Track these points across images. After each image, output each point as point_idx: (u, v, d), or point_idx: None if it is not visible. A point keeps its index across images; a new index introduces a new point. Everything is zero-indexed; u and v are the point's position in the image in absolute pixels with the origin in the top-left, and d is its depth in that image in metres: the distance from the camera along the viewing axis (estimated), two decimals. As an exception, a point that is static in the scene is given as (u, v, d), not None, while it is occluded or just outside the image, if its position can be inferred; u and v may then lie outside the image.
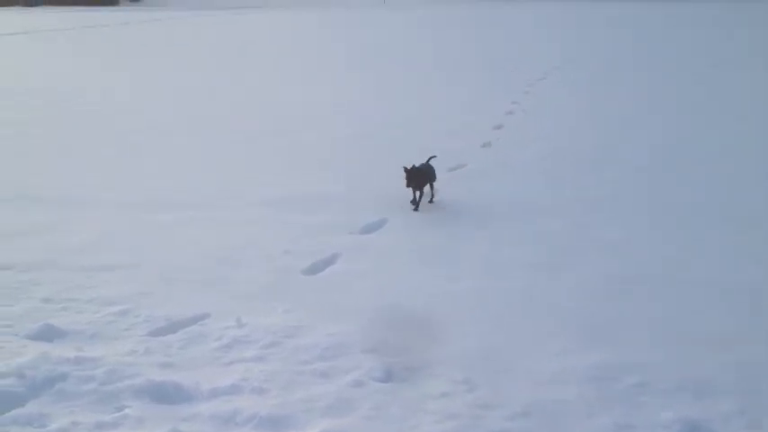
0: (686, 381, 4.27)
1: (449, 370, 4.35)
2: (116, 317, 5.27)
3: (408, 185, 7.93)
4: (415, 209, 8.02)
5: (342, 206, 8.17)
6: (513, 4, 50.66)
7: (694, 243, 6.75)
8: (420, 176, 8.02)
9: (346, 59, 24.51)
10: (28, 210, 8.20)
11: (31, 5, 77.90)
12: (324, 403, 3.93)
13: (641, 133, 12.06)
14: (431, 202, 8.27)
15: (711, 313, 5.25)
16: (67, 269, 6.29)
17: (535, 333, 4.93)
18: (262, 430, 3.63)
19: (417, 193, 8.17)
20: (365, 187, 9.08)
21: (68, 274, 6.17)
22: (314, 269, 6.38)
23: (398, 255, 6.69)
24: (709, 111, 14.05)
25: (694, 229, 7.15)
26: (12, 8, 65.05)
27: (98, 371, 4.27)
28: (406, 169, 7.94)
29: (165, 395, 4.02)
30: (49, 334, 4.90)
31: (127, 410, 3.83)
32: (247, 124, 13.36)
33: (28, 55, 28.11)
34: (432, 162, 8.55)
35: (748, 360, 4.54)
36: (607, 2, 50.22)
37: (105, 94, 17.17)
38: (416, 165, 8.15)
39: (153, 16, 51.55)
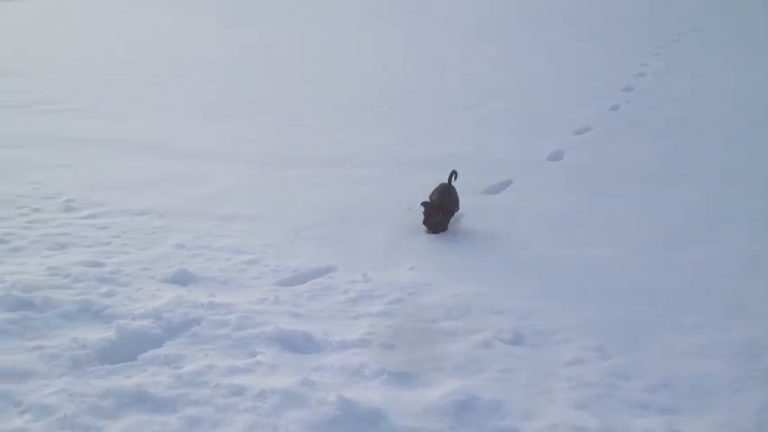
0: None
1: (580, 336, 4.15)
2: (246, 265, 5.35)
3: (428, 223, 6.10)
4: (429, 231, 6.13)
5: (465, 167, 7.97)
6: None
7: None
8: (448, 208, 6.24)
9: (466, 25, 24.03)
10: (166, 160, 8.51)
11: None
12: (452, 363, 3.83)
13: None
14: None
15: None
16: (200, 217, 6.45)
17: (673, 305, 4.63)
18: (390, 385, 3.58)
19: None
20: (488, 149, 8.88)
21: (200, 223, 6.33)
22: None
23: (524, 217, 6.49)
24: None
25: None
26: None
27: (231, 317, 4.33)
28: (426, 204, 6.09)
29: (295, 344, 4.03)
30: (183, 278, 5.03)
31: (259, 357, 3.86)
32: (369, 87, 13.35)
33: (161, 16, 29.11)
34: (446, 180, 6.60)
35: None
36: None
37: (233, 56, 17.58)
38: (434, 197, 6.23)
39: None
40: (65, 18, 26.03)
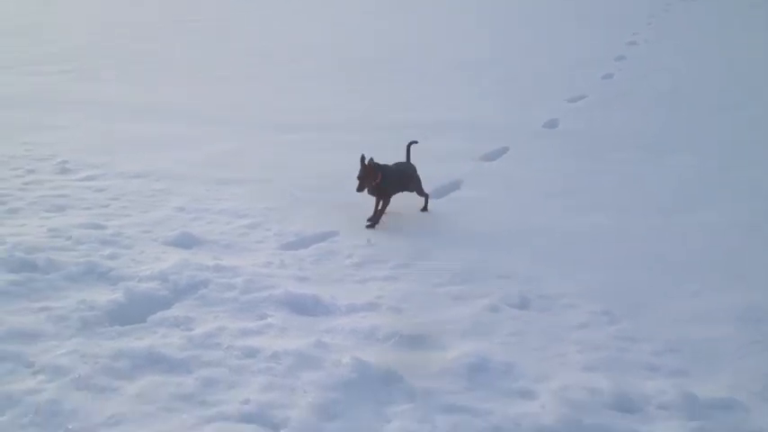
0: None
1: (585, 301, 4.17)
2: (247, 229, 5.31)
3: (360, 189, 5.28)
4: (370, 225, 5.40)
5: (461, 134, 7.98)
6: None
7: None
8: (391, 180, 5.41)
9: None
10: (162, 122, 8.41)
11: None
12: (461, 326, 3.84)
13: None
14: (424, 209, 5.77)
15: None
16: (198, 180, 6.39)
17: (671, 272, 4.67)
18: (403, 348, 3.57)
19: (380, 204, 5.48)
20: (485, 115, 8.87)
21: (199, 186, 6.27)
22: (438, 193, 6.26)
23: (522, 184, 6.49)
24: None
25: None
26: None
27: (237, 279, 4.30)
28: (363, 162, 5.30)
29: (304, 307, 4.01)
30: (186, 241, 4.98)
31: (269, 319, 3.84)
32: (365, 63, 13.22)
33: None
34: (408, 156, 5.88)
35: None
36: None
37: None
38: (381, 163, 5.40)
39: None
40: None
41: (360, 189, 5.24)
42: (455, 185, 6.47)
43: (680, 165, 6.95)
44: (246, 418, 2.95)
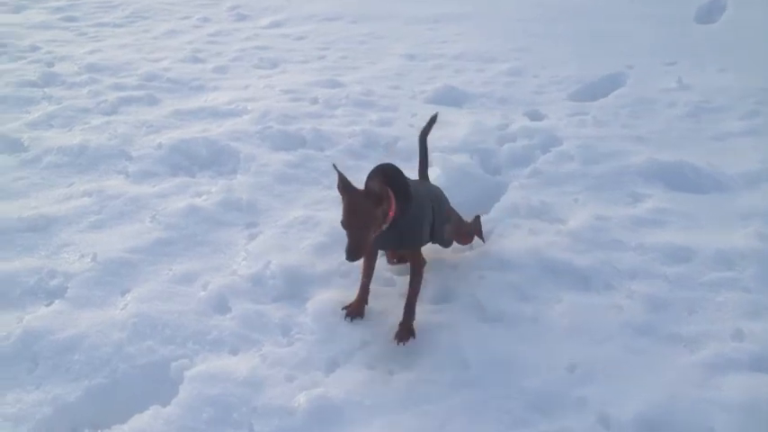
0: None
1: None
2: (511, 77, 4.19)
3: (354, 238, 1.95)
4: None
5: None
6: None
7: None
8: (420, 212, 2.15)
9: None
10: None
11: None
12: None
13: None
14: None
15: None
16: (402, 19, 5.40)
17: None
18: None
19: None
20: None
21: (409, 26, 5.24)
22: (704, 17, 4.98)
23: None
24: None
25: None
26: None
27: (566, 146, 3.22)
28: (345, 184, 1.98)
29: (680, 181, 2.90)
30: (453, 97, 3.91)
31: (650, 201, 2.75)
32: None
33: None
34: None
35: None
36: None
37: None
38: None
39: None
40: None
41: (353, 238, 1.94)
42: (720, 7, 5.14)
43: None
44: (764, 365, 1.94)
